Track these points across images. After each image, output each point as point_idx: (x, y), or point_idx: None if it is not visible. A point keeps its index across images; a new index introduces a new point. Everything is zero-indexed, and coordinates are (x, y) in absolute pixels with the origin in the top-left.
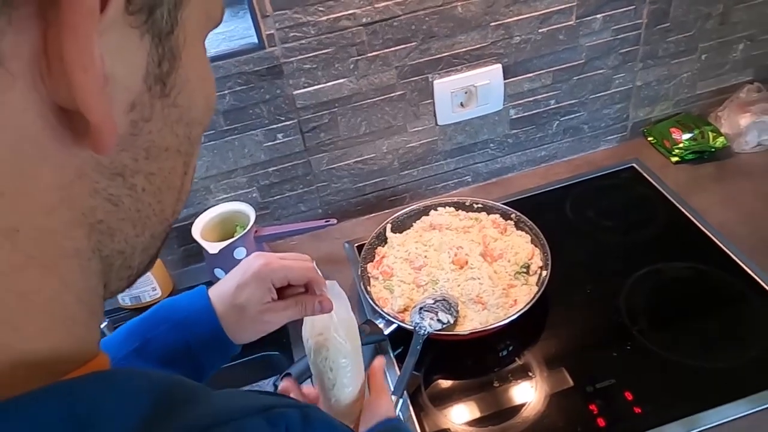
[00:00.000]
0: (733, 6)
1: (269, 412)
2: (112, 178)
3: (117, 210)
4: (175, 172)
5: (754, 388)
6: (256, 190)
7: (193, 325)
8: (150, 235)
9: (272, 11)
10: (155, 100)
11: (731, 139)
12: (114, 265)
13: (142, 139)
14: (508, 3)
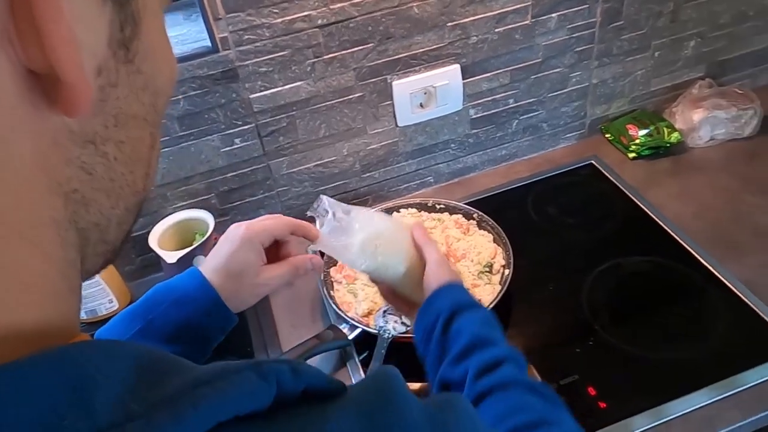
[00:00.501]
0: (683, 4)
1: (260, 366)
2: (84, 146)
3: (91, 179)
4: (143, 142)
5: (715, 377)
6: (215, 196)
7: (192, 301)
8: (124, 207)
9: (225, 14)
10: (120, 65)
11: (685, 134)
12: (90, 239)
13: (110, 105)
14: (463, 3)
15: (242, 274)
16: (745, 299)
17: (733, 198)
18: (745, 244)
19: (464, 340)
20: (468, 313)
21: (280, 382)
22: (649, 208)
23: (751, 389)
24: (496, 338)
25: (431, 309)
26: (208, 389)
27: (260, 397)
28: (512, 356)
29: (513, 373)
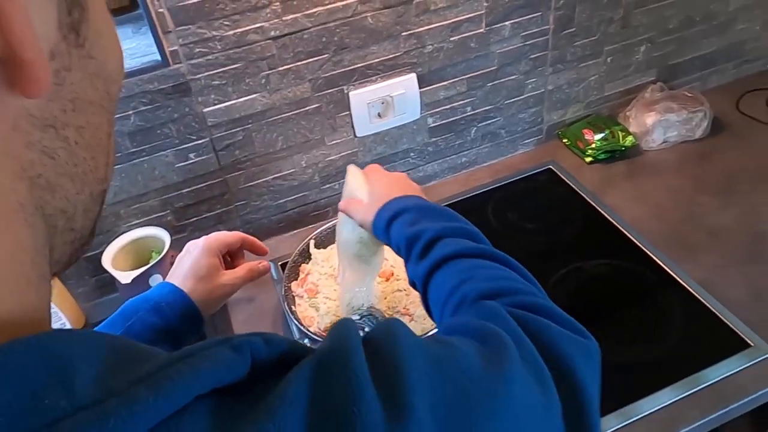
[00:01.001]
0: (632, 10)
1: (231, 340)
2: (44, 130)
3: (54, 164)
4: (102, 129)
5: (675, 377)
6: (171, 212)
7: (167, 306)
8: (89, 193)
9: (174, 27)
10: (72, 49)
11: (639, 137)
12: (57, 226)
13: (66, 89)
14: (418, 12)
15: (208, 277)
16: (701, 299)
17: (687, 199)
18: (699, 244)
19: (402, 244)
20: (398, 220)
21: (253, 352)
22: (607, 212)
23: (709, 387)
24: (427, 228)
25: (376, 233)
26: (184, 365)
27: (235, 369)
28: (442, 234)
29: (440, 252)
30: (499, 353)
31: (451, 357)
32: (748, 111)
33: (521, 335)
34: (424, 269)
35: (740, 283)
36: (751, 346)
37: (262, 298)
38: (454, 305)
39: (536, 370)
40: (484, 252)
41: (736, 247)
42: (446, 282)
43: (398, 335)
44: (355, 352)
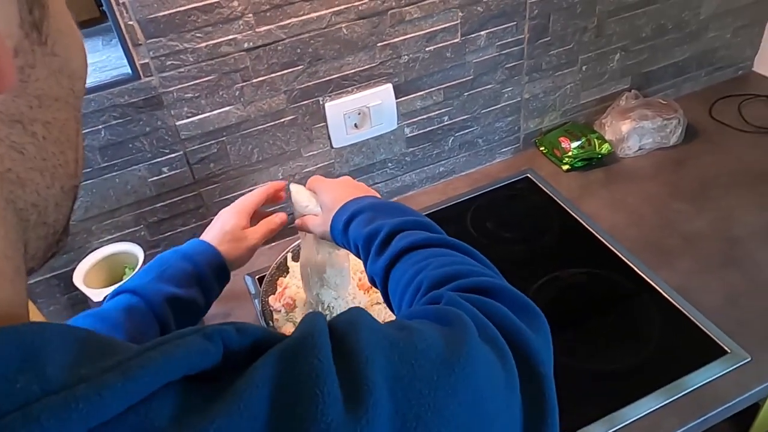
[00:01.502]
0: (606, 19)
1: (204, 329)
2: (11, 126)
3: (23, 158)
4: (69, 125)
5: (654, 385)
6: (144, 228)
7: (198, 255)
8: (60, 187)
9: (145, 39)
10: (35, 46)
11: (615, 144)
12: (30, 220)
13: (32, 86)
14: (393, 23)
15: (232, 232)
16: (678, 305)
17: (663, 205)
18: (675, 251)
19: (360, 243)
20: (353, 223)
21: (225, 340)
22: (584, 219)
23: (688, 395)
24: (383, 224)
25: (337, 241)
26: (155, 352)
27: (207, 356)
28: (398, 228)
29: (397, 246)
30: (459, 331)
31: (410, 339)
32: (721, 117)
33: (477, 314)
34: (382, 264)
35: (716, 288)
36: (728, 352)
37: (239, 314)
38: (411, 295)
39: (497, 347)
40: (438, 241)
41: (711, 253)
42: (404, 274)
43: (359, 323)
44: (321, 339)
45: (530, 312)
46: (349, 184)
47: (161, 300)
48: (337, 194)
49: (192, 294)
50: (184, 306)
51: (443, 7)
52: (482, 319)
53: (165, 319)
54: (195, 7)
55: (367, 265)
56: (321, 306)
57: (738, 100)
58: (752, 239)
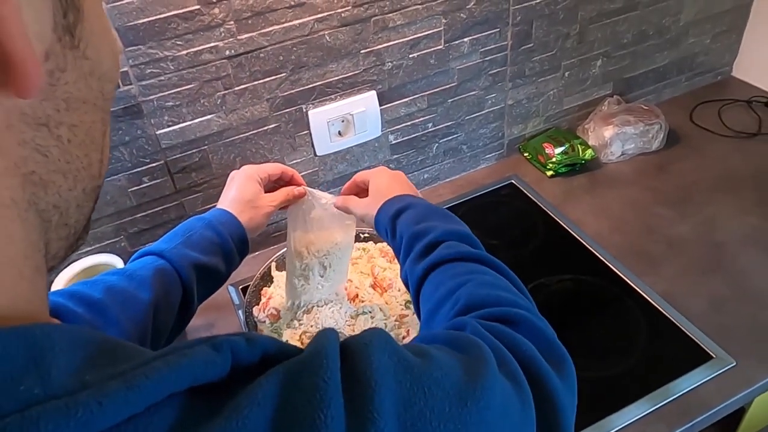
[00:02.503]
0: (587, 25)
1: (213, 339)
2: (37, 129)
3: (47, 161)
4: (95, 127)
5: (640, 392)
6: (125, 238)
7: (221, 224)
8: (82, 189)
9: (123, 48)
10: (67, 50)
11: (598, 150)
12: (51, 221)
13: (60, 89)
14: (376, 30)
15: (252, 200)
16: (663, 311)
17: (646, 211)
18: (660, 256)
19: (406, 237)
20: (404, 215)
21: (235, 351)
22: (569, 225)
23: (675, 401)
24: (432, 228)
25: (379, 225)
26: (161, 362)
27: (214, 368)
28: (446, 237)
29: (441, 253)
30: (477, 362)
31: (426, 366)
32: (702, 122)
33: (501, 348)
34: (423, 267)
35: (700, 293)
36: (713, 357)
37: (222, 325)
38: (448, 308)
39: (516, 383)
40: (481, 258)
41: (695, 258)
42: (442, 284)
43: (373, 344)
44: (330, 359)
45: (557, 354)
46: (404, 180)
47: (187, 264)
48: (392, 183)
49: (216, 262)
50: (208, 273)
51: (427, 14)
52: (504, 352)
53: (190, 284)
54: (175, 15)
55: (406, 262)
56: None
57: (718, 105)
58: (735, 244)
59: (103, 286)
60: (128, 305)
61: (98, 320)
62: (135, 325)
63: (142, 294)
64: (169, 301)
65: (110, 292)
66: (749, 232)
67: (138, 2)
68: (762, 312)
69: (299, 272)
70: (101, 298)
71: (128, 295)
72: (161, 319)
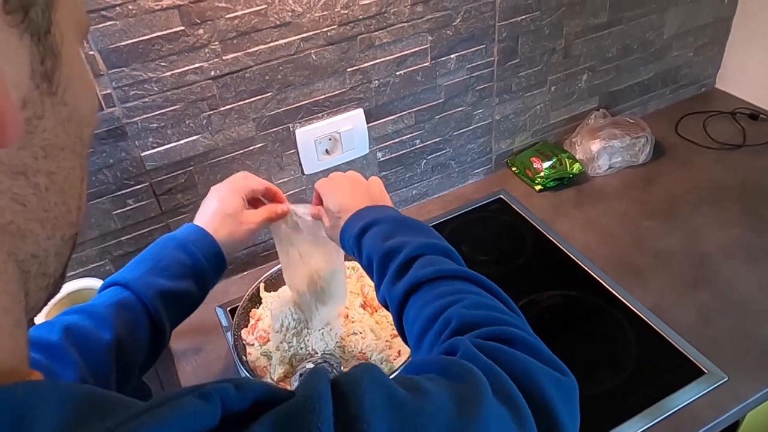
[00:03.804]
0: (573, 40)
1: (201, 388)
2: (14, 178)
3: (25, 210)
4: (74, 173)
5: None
6: (109, 262)
7: (193, 243)
8: (60, 237)
9: (106, 69)
10: (45, 97)
11: (586, 164)
12: (31, 272)
13: (38, 137)
14: (362, 48)
15: (234, 215)
16: (653, 325)
17: (634, 224)
18: (647, 269)
19: (376, 258)
20: (369, 233)
21: (224, 400)
22: (558, 240)
23: (668, 418)
24: (403, 244)
25: (346, 247)
26: (148, 417)
27: (203, 418)
28: (419, 251)
29: (419, 273)
30: (472, 391)
31: (417, 402)
32: (687, 134)
33: (496, 371)
34: (402, 288)
35: (688, 306)
36: (705, 372)
37: (210, 348)
38: (437, 330)
39: (513, 406)
40: (464, 274)
41: (682, 270)
42: (427, 305)
43: (363, 382)
44: (321, 403)
45: (558, 373)
46: (359, 188)
47: (153, 293)
48: (348, 197)
49: (186, 286)
50: (177, 299)
51: (413, 31)
52: (499, 374)
53: (158, 314)
54: (159, 36)
55: (382, 284)
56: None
57: (702, 117)
58: (721, 256)
59: (60, 327)
60: (87, 346)
61: (56, 365)
62: (95, 366)
63: (102, 333)
64: (135, 335)
65: (68, 333)
66: (734, 243)
67: (121, 24)
68: (749, 323)
69: (299, 301)
70: (58, 342)
71: (87, 335)
72: (127, 356)
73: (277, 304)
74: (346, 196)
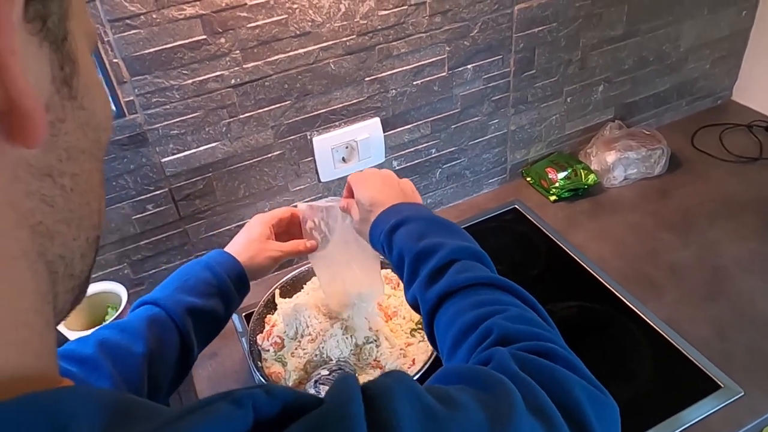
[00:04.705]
0: (589, 52)
1: (232, 394)
2: (42, 179)
3: (53, 211)
4: (94, 176)
5: (653, 420)
6: (128, 266)
7: (217, 264)
8: (85, 238)
9: (130, 77)
10: (65, 101)
11: (601, 175)
12: (58, 272)
13: (61, 140)
14: (380, 58)
15: (257, 240)
16: (669, 338)
17: (649, 236)
18: (663, 282)
19: (409, 257)
20: (402, 229)
21: (256, 405)
22: (572, 250)
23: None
24: (437, 245)
25: (374, 241)
26: (183, 422)
27: (237, 424)
28: (454, 256)
29: (454, 279)
30: (503, 403)
31: (452, 413)
32: (703, 147)
33: (529, 383)
34: (435, 294)
35: (704, 320)
36: (720, 387)
37: (226, 353)
38: (476, 340)
39: (546, 419)
40: (501, 284)
41: (698, 283)
42: (463, 313)
43: (393, 389)
44: (355, 411)
45: (596, 391)
46: (392, 185)
47: (182, 310)
48: (381, 192)
49: (212, 304)
50: (204, 316)
51: (430, 41)
52: (533, 387)
53: (186, 330)
54: (181, 45)
55: (414, 285)
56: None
57: (719, 130)
58: (736, 269)
59: (94, 341)
60: (121, 359)
61: (91, 376)
62: (129, 378)
63: (135, 347)
64: (165, 350)
65: (102, 347)
66: (751, 256)
67: (145, 33)
68: (765, 337)
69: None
70: (92, 354)
71: (121, 348)
72: (157, 370)
73: (293, 310)
74: (378, 191)
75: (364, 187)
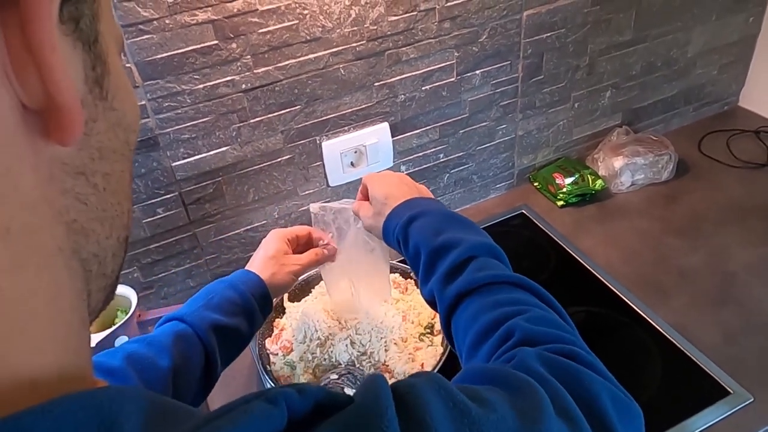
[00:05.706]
0: (597, 58)
1: (267, 393)
2: (76, 177)
3: (86, 209)
4: (124, 176)
5: (662, 427)
6: (138, 269)
7: (241, 283)
8: (116, 238)
9: (142, 82)
10: (97, 101)
11: (608, 180)
12: (92, 271)
13: (93, 139)
14: (390, 63)
15: (276, 257)
16: (678, 344)
17: (656, 241)
18: (671, 287)
19: (425, 251)
20: (417, 222)
21: (289, 403)
22: (580, 256)
23: None
24: (454, 241)
25: (389, 235)
26: (222, 421)
27: (273, 421)
28: (473, 252)
29: (473, 277)
30: (533, 406)
31: (483, 411)
32: (710, 152)
33: (553, 384)
34: (454, 291)
35: (712, 325)
36: (730, 393)
37: None
38: (497, 341)
39: (572, 421)
40: (521, 282)
41: (706, 289)
42: (483, 312)
43: (422, 387)
44: (386, 405)
45: (621, 395)
46: (408, 183)
47: (207, 327)
48: (393, 189)
49: (236, 322)
50: (228, 333)
51: (439, 47)
52: (557, 388)
53: (211, 346)
54: (193, 50)
55: (431, 281)
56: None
57: (726, 135)
58: (745, 275)
59: (122, 354)
60: (147, 371)
61: None
62: (155, 390)
63: (161, 360)
64: (190, 365)
65: (130, 360)
66: (759, 262)
67: (158, 38)
68: None
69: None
70: (120, 366)
71: (148, 361)
72: (182, 383)
73: (301, 314)
74: (395, 187)
75: (379, 184)
